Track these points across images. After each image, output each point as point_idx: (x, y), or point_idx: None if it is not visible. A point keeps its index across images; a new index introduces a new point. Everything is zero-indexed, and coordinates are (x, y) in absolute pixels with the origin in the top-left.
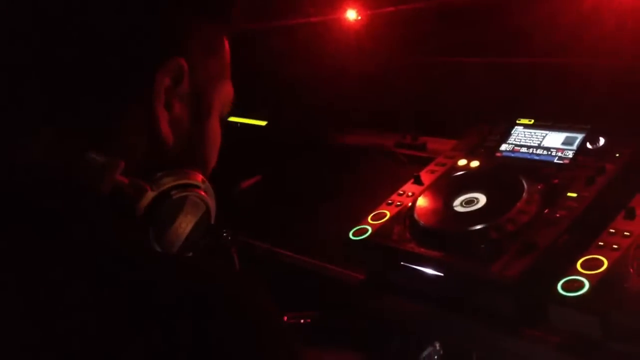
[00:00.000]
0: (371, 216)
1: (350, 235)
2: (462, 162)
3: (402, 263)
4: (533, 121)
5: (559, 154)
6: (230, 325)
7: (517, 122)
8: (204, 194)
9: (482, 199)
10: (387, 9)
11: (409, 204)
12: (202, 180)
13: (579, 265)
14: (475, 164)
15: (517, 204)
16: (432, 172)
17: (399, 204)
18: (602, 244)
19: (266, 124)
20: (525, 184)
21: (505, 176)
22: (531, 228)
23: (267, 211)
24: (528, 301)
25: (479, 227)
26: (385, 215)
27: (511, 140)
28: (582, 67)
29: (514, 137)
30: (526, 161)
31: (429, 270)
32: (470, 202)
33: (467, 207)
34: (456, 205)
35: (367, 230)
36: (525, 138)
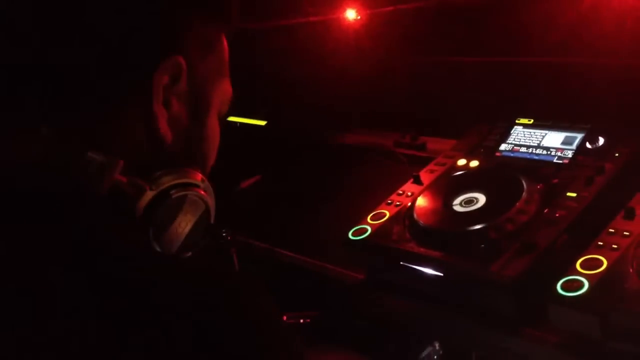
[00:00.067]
0: (371, 216)
1: (350, 235)
2: (461, 161)
3: (401, 263)
4: (532, 121)
5: (559, 153)
6: (230, 326)
7: (517, 121)
8: (203, 193)
9: (481, 199)
10: (386, 8)
11: (409, 204)
12: (202, 179)
13: (578, 265)
14: (474, 163)
15: (517, 204)
16: (432, 171)
17: (398, 203)
18: (602, 243)
19: (266, 124)
20: (524, 184)
21: (504, 176)
22: (530, 228)
23: (266, 211)
24: (527, 301)
25: (479, 226)
26: (385, 215)
27: (510, 140)
28: (582, 67)
29: (514, 136)
30: (525, 161)
31: (428, 270)
32: (469, 202)
33: (466, 207)
34: (456, 205)
35: (366, 230)
36: (525, 138)
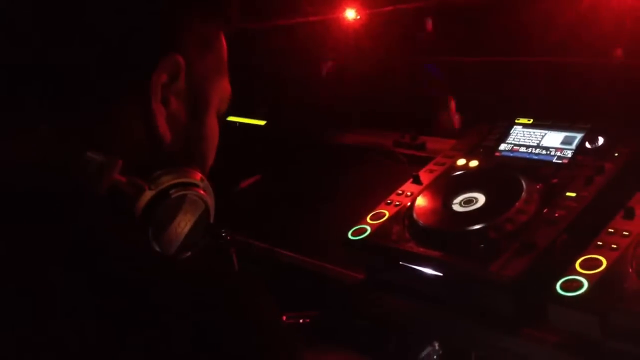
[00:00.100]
0: (370, 216)
1: (349, 235)
2: (461, 161)
3: (401, 263)
4: (532, 121)
5: (558, 153)
6: (229, 326)
7: (516, 121)
8: (203, 192)
9: (481, 199)
10: (386, 8)
11: (408, 204)
12: (201, 178)
13: (577, 265)
14: (474, 163)
15: (516, 204)
16: (431, 171)
17: (397, 203)
18: (601, 243)
19: (265, 124)
20: (524, 184)
21: (504, 176)
22: (530, 228)
23: (266, 211)
24: (527, 301)
25: (478, 226)
26: (384, 215)
27: (510, 139)
28: (582, 67)
29: (513, 136)
30: (525, 161)
31: (428, 270)
32: (469, 201)
33: (466, 207)
34: (455, 204)
35: (366, 230)
36: (524, 137)
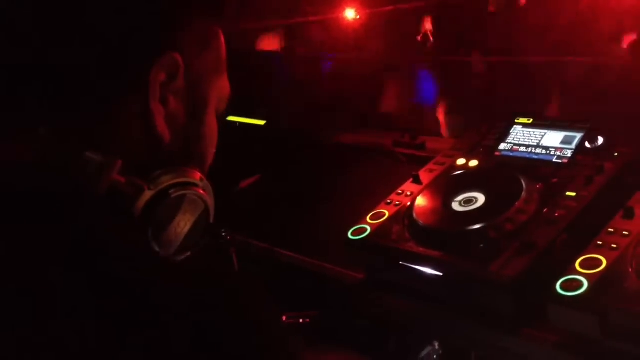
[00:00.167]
0: (370, 216)
1: (349, 235)
2: (460, 161)
3: (401, 262)
4: (532, 120)
5: (558, 153)
6: (229, 325)
7: (516, 121)
8: (202, 192)
9: (480, 199)
10: (386, 8)
11: (408, 204)
12: (201, 178)
13: (577, 264)
14: (474, 163)
15: (516, 204)
16: (431, 171)
17: (397, 203)
18: (601, 243)
19: (265, 124)
20: (524, 184)
21: (504, 175)
22: (530, 227)
23: (266, 211)
24: (527, 300)
25: (478, 226)
26: (384, 215)
27: (510, 139)
28: (582, 67)
29: (513, 136)
30: (525, 160)
31: (427, 270)
32: (469, 201)
33: (465, 207)
34: (455, 204)
35: (365, 230)
36: (524, 137)
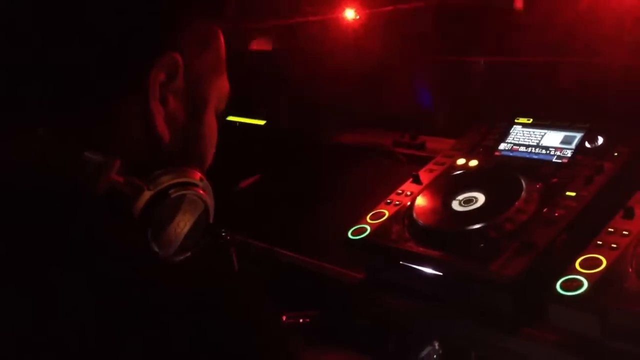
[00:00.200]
0: (370, 215)
1: (349, 235)
2: (460, 161)
3: (401, 262)
4: (532, 120)
5: (558, 153)
6: (229, 325)
7: (516, 121)
8: (202, 192)
9: (480, 198)
10: (385, 8)
11: (408, 203)
12: (200, 178)
13: (577, 264)
14: (474, 163)
15: (516, 203)
16: (431, 171)
17: (397, 203)
18: (601, 243)
19: (265, 124)
20: (523, 183)
21: (503, 175)
22: (530, 227)
23: (266, 211)
24: (527, 300)
25: (478, 226)
26: (384, 215)
27: (510, 139)
28: (581, 67)
29: (513, 136)
30: (525, 160)
31: (427, 270)
32: (469, 201)
33: (465, 207)
34: (455, 204)
35: (365, 230)
36: (524, 137)
